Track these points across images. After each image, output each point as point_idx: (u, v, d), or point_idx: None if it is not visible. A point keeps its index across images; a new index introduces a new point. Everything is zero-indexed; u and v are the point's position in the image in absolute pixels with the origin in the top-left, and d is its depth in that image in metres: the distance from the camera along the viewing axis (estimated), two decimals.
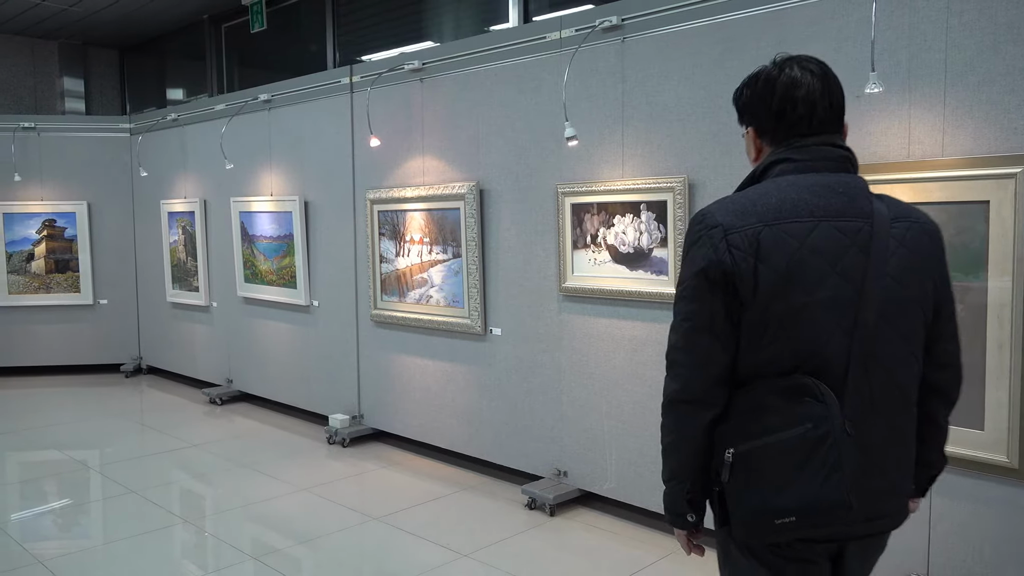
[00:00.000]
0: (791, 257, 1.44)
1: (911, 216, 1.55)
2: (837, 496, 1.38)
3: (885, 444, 1.51)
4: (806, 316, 1.44)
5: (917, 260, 1.51)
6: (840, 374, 1.44)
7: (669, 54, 3.49)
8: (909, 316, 1.51)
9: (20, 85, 9.27)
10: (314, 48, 7.46)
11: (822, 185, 1.50)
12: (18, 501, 4.32)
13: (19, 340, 7.37)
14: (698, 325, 1.51)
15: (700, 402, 1.52)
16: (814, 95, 1.55)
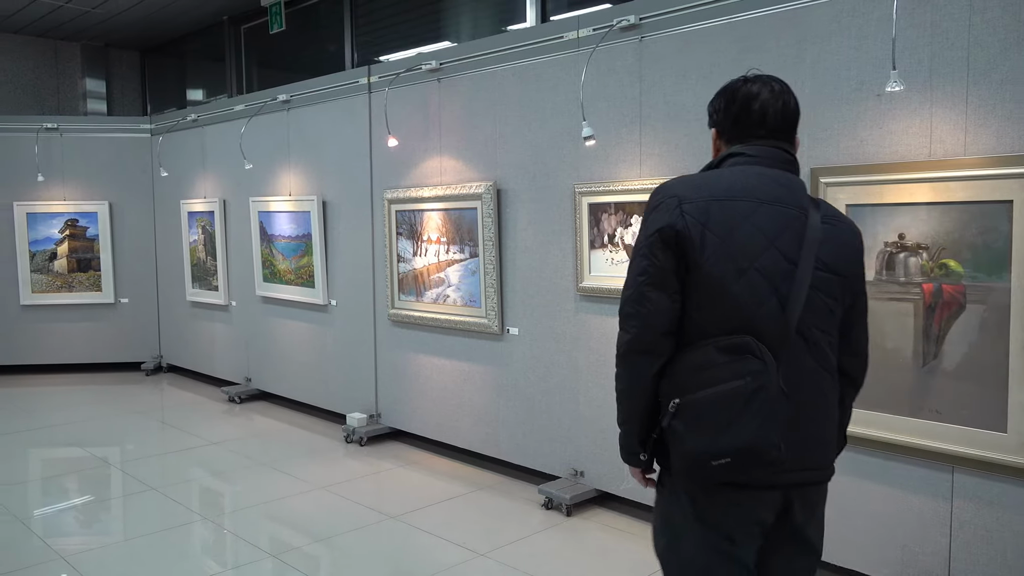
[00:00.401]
0: (735, 228, 1.65)
1: (839, 218, 1.80)
2: (769, 441, 1.56)
3: (814, 402, 1.70)
4: (745, 281, 1.64)
5: (841, 255, 1.74)
6: (776, 336, 1.63)
7: (687, 53, 3.48)
8: (832, 295, 1.72)
9: (43, 86, 9.39)
10: (332, 48, 7.49)
11: (767, 176, 1.73)
12: (41, 497, 4.37)
13: (42, 338, 7.46)
14: (651, 280, 1.69)
15: (650, 351, 1.69)
16: (768, 106, 1.80)
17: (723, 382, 1.60)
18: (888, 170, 2.87)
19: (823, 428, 1.72)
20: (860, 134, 2.96)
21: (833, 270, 1.71)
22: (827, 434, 1.74)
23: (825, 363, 1.71)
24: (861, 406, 2.96)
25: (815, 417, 1.70)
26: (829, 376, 1.73)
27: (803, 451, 1.67)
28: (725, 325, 1.64)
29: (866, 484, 3.01)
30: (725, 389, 1.59)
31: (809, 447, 1.69)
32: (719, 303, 1.65)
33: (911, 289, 2.84)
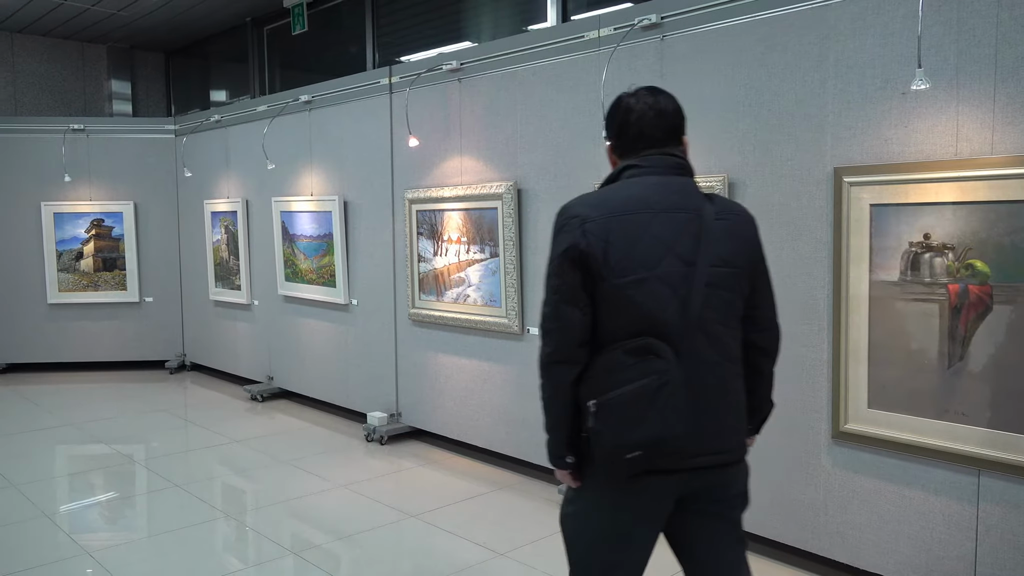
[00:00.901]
0: (635, 241, 1.80)
1: (733, 210, 1.94)
2: (673, 431, 1.73)
3: (716, 391, 1.85)
4: (647, 288, 1.79)
5: (738, 245, 1.89)
6: (677, 335, 1.79)
7: (709, 52, 3.46)
8: (732, 289, 1.87)
9: (70, 88, 9.52)
10: (354, 49, 7.53)
11: (662, 185, 1.88)
12: (67, 493, 4.44)
13: (68, 336, 7.57)
14: (563, 297, 1.84)
15: (568, 361, 1.85)
16: (643, 119, 1.93)
17: (631, 382, 1.75)
18: (913, 169, 2.83)
19: (726, 416, 1.88)
20: (885, 133, 2.93)
21: (730, 264, 1.87)
22: (730, 421, 1.89)
23: (727, 355, 1.87)
24: (884, 408, 2.94)
25: (718, 406, 1.85)
26: (732, 366, 1.89)
27: (706, 438, 1.83)
28: (632, 329, 1.79)
29: (890, 487, 2.98)
30: (633, 388, 1.75)
31: (712, 434, 1.84)
32: (625, 311, 1.80)
33: (936, 290, 2.81)
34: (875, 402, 2.99)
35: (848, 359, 3.03)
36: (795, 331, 3.22)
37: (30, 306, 7.49)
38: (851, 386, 3.04)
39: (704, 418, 1.81)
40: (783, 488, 3.29)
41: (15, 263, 7.45)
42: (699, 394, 1.80)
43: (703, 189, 1.94)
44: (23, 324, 7.50)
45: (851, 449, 3.08)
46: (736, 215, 1.94)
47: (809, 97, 3.13)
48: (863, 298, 2.98)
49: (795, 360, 3.23)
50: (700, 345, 1.82)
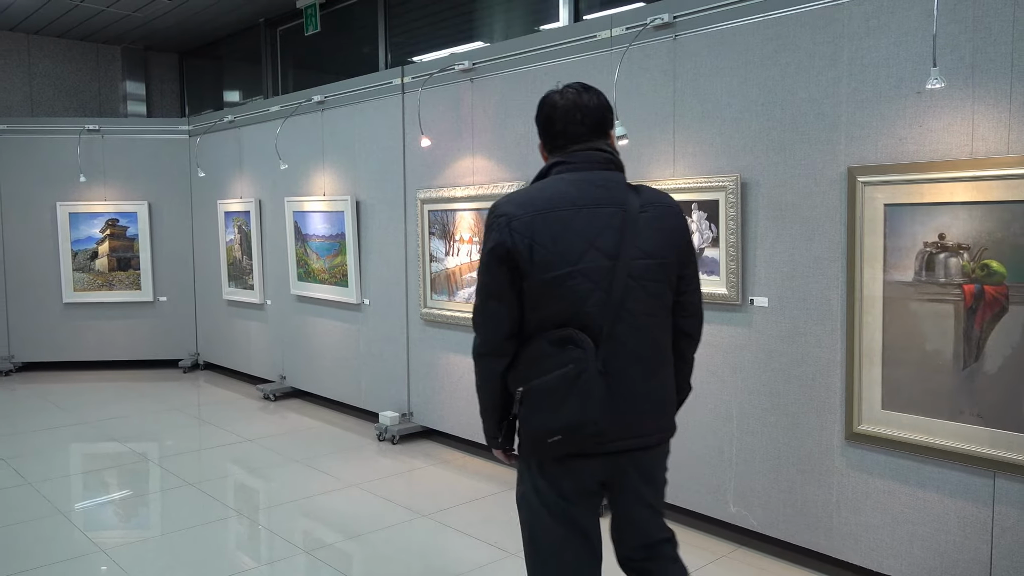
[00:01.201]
0: (558, 237, 1.88)
1: (659, 202, 1.99)
2: (590, 416, 1.83)
3: (639, 379, 1.93)
4: (570, 282, 1.86)
5: (662, 237, 1.95)
6: (599, 326, 1.87)
7: (721, 51, 3.45)
8: (656, 279, 1.94)
9: (85, 89, 9.60)
10: (366, 50, 7.55)
11: (586, 181, 1.94)
12: (82, 491, 4.47)
13: (83, 335, 7.63)
14: (491, 293, 1.94)
15: (496, 353, 1.97)
16: (566, 115, 1.99)
17: (553, 371, 1.86)
18: (928, 169, 2.81)
19: (648, 402, 1.96)
20: (899, 132, 2.91)
21: (654, 256, 1.93)
22: (651, 407, 1.97)
23: (653, 344, 1.96)
24: (898, 409, 2.92)
25: (638, 393, 1.94)
26: (657, 355, 1.98)
27: (627, 422, 1.92)
28: (556, 321, 1.88)
29: (904, 489, 2.96)
30: (555, 376, 1.85)
31: (633, 419, 1.93)
32: (549, 303, 1.89)
33: (951, 290, 2.79)
34: (889, 403, 2.97)
35: (862, 360, 3.02)
36: (808, 331, 3.21)
37: (46, 305, 7.55)
38: (865, 387, 3.02)
39: (625, 404, 1.91)
40: (795, 489, 3.28)
41: (31, 263, 7.52)
42: (621, 381, 1.90)
43: (631, 182, 2.01)
44: (39, 323, 7.57)
45: (864, 450, 3.06)
46: (660, 206, 1.99)
47: (822, 96, 3.12)
48: (877, 298, 2.97)
49: (808, 360, 3.21)
50: (623, 335, 1.90)
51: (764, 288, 3.35)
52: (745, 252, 3.41)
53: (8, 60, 9.03)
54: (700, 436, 3.61)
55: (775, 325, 3.32)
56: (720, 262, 3.47)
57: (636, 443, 1.95)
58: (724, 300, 3.47)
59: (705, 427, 3.59)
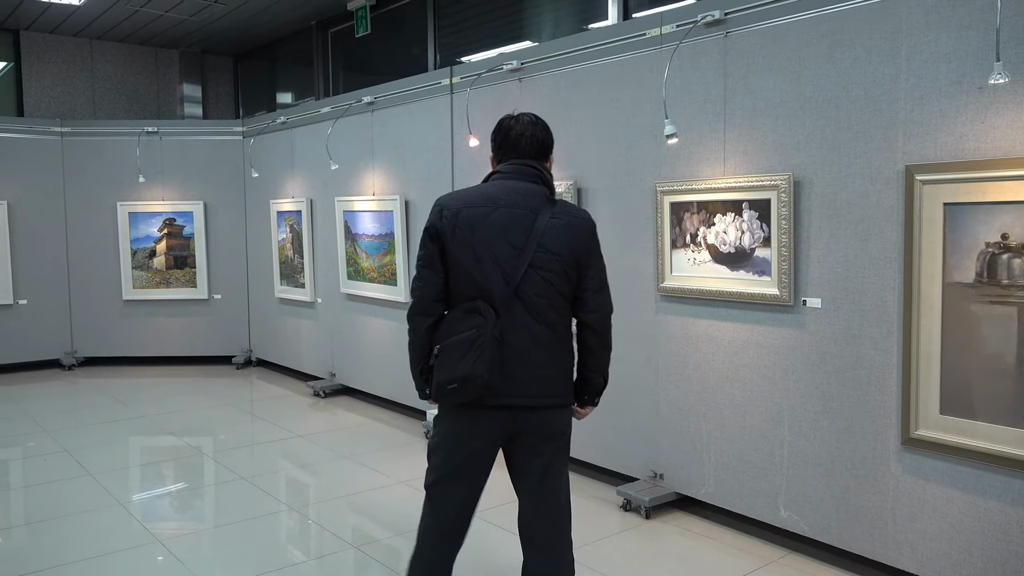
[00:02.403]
0: (476, 226, 2.35)
1: (570, 214, 2.44)
2: (477, 373, 2.24)
3: (529, 347, 2.34)
4: (480, 264, 2.33)
5: (564, 240, 2.37)
6: (500, 301, 2.31)
7: (774, 48, 3.39)
8: (553, 270, 2.36)
9: (145, 92, 9.87)
10: (416, 51, 7.61)
11: (510, 188, 2.41)
12: (139, 483, 4.60)
13: (142, 332, 7.85)
14: (424, 264, 2.42)
15: (425, 313, 2.41)
16: (520, 137, 2.50)
17: (460, 333, 2.30)
18: (990, 167, 2.72)
19: (537, 368, 2.36)
20: (959, 129, 2.82)
21: (553, 252, 2.35)
22: (541, 373, 2.36)
23: (544, 321, 2.36)
24: (957, 414, 2.84)
25: (529, 359, 2.34)
26: (548, 331, 2.37)
27: (519, 383, 2.33)
28: (469, 294, 2.34)
29: (963, 496, 2.87)
30: (460, 337, 2.30)
31: (524, 380, 2.34)
32: (465, 278, 2.35)
33: (1015, 292, 2.69)
34: (948, 408, 2.88)
35: (919, 363, 2.94)
36: (863, 333, 3.13)
37: (107, 302, 7.80)
38: (922, 391, 2.94)
39: (516, 368, 2.32)
40: (849, 494, 3.21)
41: (93, 261, 7.77)
42: (513, 348, 2.32)
43: (547, 194, 2.44)
44: (100, 319, 7.81)
45: (922, 456, 2.98)
46: (570, 216, 2.43)
47: (879, 93, 3.04)
48: (936, 300, 2.88)
49: (863, 363, 3.14)
50: (518, 311, 2.33)
51: (817, 289, 3.29)
52: (797, 252, 3.34)
53: (72, 65, 9.34)
54: (750, 439, 3.56)
55: (828, 327, 3.26)
56: (772, 262, 3.42)
57: (524, 401, 2.35)
58: (775, 301, 3.41)
59: (755, 430, 3.53)
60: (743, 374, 3.58)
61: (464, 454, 2.43)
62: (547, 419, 2.41)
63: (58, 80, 9.26)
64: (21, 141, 7.53)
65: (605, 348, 2.48)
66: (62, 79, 9.29)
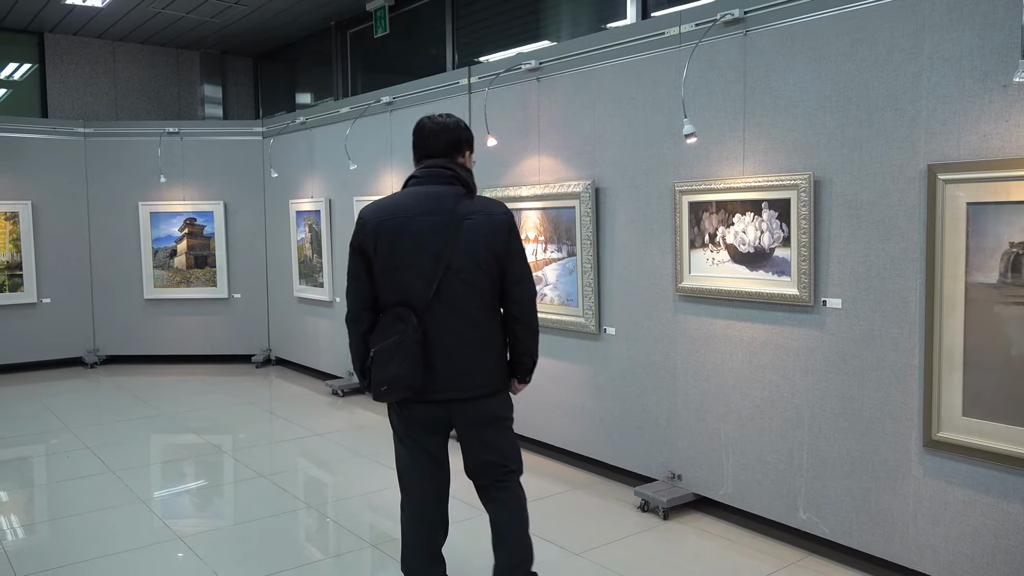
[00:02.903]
0: (395, 238, 2.53)
1: (484, 210, 2.57)
2: (403, 374, 2.48)
3: (456, 346, 2.54)
4: (401, 273, 2.53)
5: (479, 240, 2.53)
6: (422, 307, 2.51)
7: (794, 47, 3.36)
8: (471, 271, 2.53)
9: (166, 93, 9.97)
10: (434, 51, 7.63)
11: (423, 194, 2.57)
12: (160, 480, 4.65)
13: (162, 330, 7.93)
14: (352, 276, 2.62)
15: (357, 320, 2.64)
16: (429, 136, 2.64)
17: (387, 338, 2.51)
18: (1015, 166, 2.69)
19: (466, 364, 2.56)
20: (983, 128, 2.79)
21: (469, 253, 2.51)
22: (470, 367, 2.57)
23: (469, 322, 2.55)
24: (980, 416, 2.80)
25: (458, 357, 2.55)
26: (473, 331, 2.56)
27: (449, 379, 2.55)
28: (393, 301, 2.55)
29: (987, 499, 2.84)
30: (387, 343, 2.50)
31: (454, 376, 2.55)
32: (388, 288, 2.56)
33: None
34: (970, 410, 2.85)
35: (942, 364, 2.90)
36: (884, 334, 3.10)
37: (128, 301, 7.88)
38: (944, 392, 2.91)
39: (445, 366, 2.54)
40: (869, 496, 3.18)
41: (115, 260, 7.85)
42: (441, 349, 2.53)
43: (462, 192, 2.59)
44: (122, 318, 7.90)
45: (944, 458, 2.95)
46: (482, 215, 2.56)
47: (901, 91, 3.01)
48: (958, 301, 2.85)
49: (884, 364, 3.11)
50: (440, 315, 2.52)
51: (837, 289, 3.26)
52: (817, 252, 3.32)
53: (95, 67, 9.45)
54: (769, 440, 3.54)
55: (849, 327, 3.23)
56: (791, 262, 3.39)
57: (456, 395, 2.57)
58: (795, 301, 3.38)
59: (774, 431, 3.51)
60: (762, 375, 3.56)
61: (416, 443, 2.68)
62: (480, 407, 2.63)
63: (81, 81, 9.37)
64: (45, 142, 7.63)
65: (531, 334, 2.69)
66: (85, 80, 9.40)
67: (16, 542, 3.71)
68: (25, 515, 4.08)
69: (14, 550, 3.60)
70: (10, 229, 7.45)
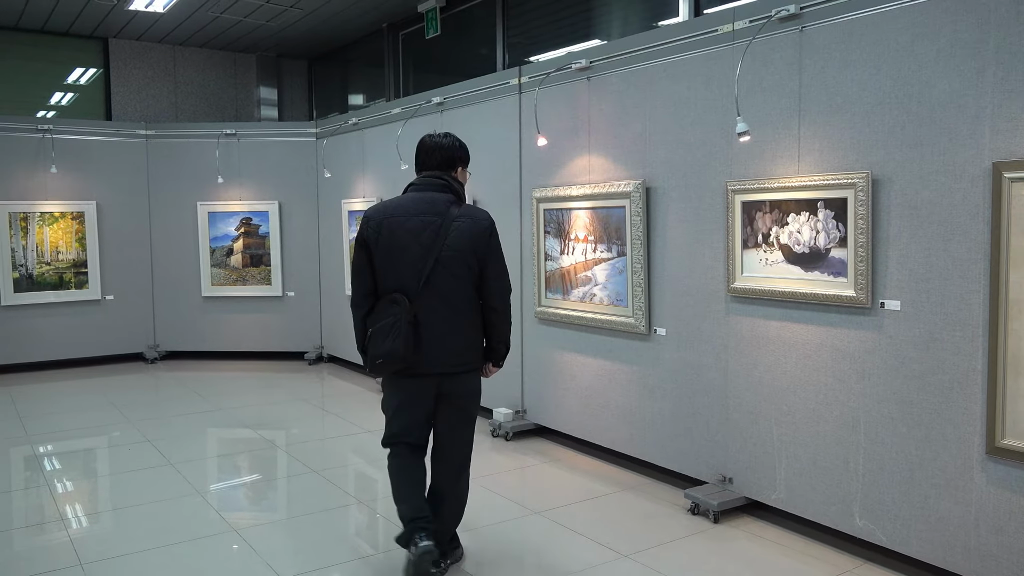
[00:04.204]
0: (394, 233, 3.00)
1: (470, 216, 3.06)
2: (396, 350, 2.93)
3: (442, 328, 3.00)
4: (398, 264, 2.99)
5: (463, 238, 3.01)
6: (414, 293, 2.97)
7: (852, 42, 3.29)
8: (457, 264, 3.00)
9: (223, 96, 10.20)
10: (484, 51, 7.66)
11: (419, 198, 3.07)
12: (216, 473, 4.76)
13: (219, 327, 8.12)
14: (355, 266, 3.07)
15: (358, 305, 3.09)
16: (428, 152, 3.16)
17: (384, 319, 2.97)
18: None
19: (450, 344, 3.02)
20: None
21: (455, 249, 2.99)
22: (453, 347, 3.03)
23: (453, 308, 3.01)
24: None
25: (443, 337, 3.01)
26: (457, 316, 3.03)
27: (436, 356, 3.00)
28: (390, 288, 3.00)
29: None
30: (384, 323, 2.97)
31: (440, 354, 3.01)
32: (387, 276, 3.01)
33: None
34: None
35: (1007, 369, 2.81)
36: (945, 337, 3.01)
37: (187, 298, 8.10)
38: (1009, 398, 2.81)
39: (432, 345, 2.99)
40: (929, 504, 3.09)
41: (174, 259, 8.08)
42: (429, 330, 2.98)
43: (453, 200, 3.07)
44: (181, 315, 8.12)
45: (1008, 466, 2.85)
46: (468, 219, 3.03)
47: (964, 87, 2.92)
48: None
49: (944, 368, 3.02)
50: (429, 300, 2.97)
51: (896, 291, 3.18)
52: (875, 253, 3.24)
53: (156, 71, 9.72)
54: (824, 444, 3.46)
55: (908, 330, 3.14)
56: (848, 263, 3.32)
57: (442, 369, 3.03)
58: (851, 303, 3.31)
59: (829, 435, 3.44)
60: (817, 377, 3.49)
61: (407, 411, 3.11)
62: (460, 381, 3.11)
63: (143, 85, 9.66)
64: (109, 144, 7.89)
65: (504, 323, 3.15)
66: (147, 84, 9.68)
67: (80, 530, 3.84)
68: (89, 504, 4.22)
69: (79, 537, 3.73)
70: (76, 228, 7.72)
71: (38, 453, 5.11)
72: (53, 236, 7.63)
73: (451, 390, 3.10)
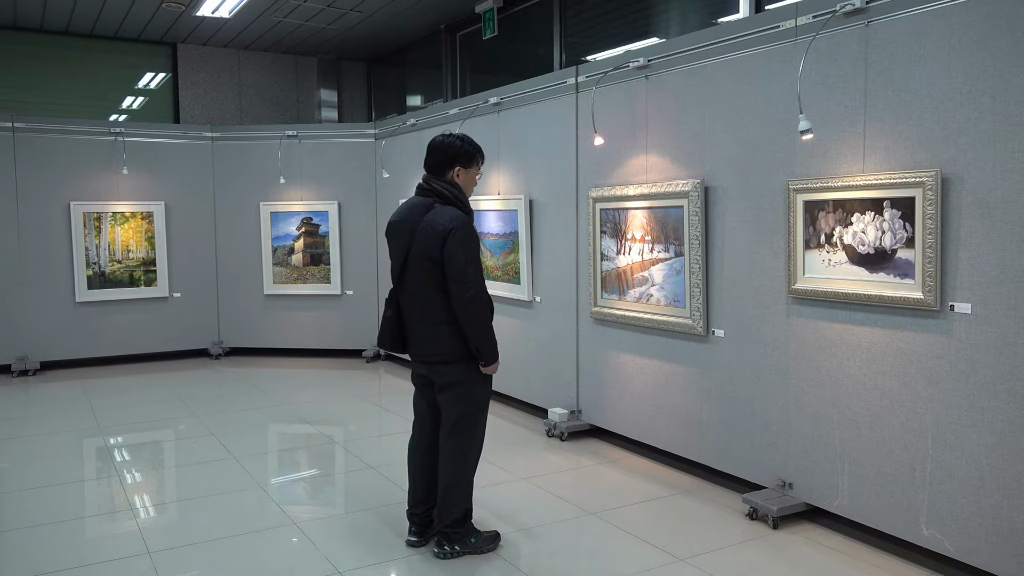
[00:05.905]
0: (390, 235, 3.43)
1: (432, 220, 3.25)
2: (384, 339, 3.47)
3: (417, 322, 3.35)
4: (392, 263, 3.42)
5: (425, 243, 3.25)
6: (397, 292, 3.41)
7: (921, 36, 3.19)
8: (423, 266, 3.26)
9: (286, 98, 10.43)
10: (541, 51, 7.66)
11: (408, 202, 3.41)
12: (277, 467, 4.87)
13: (280, 324, 8.31)
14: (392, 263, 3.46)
15: (388, 296, 3.49)
16: (428, 152, 3.40)
17: (384, 311, 3.49)
18: None
19: (426, 334, 3.33)
20: None
21: (423, 253, 3.25)
22: (428, 338, 3.33)
23: (423, 306, 3.31)
24: None
25: (419, 329, 3.35)
26: (426, 309, 3.30)
27: (417, 346, 3.39)
28: (392, 282, 3.44)
29: None
30: (383, 314, 3.49)
31: (419, 344, 3.37)
32: (391, 272, 3.43)
33: None
34: None
35: None
36: (1019, 342, 2.90)
37: (249, 296, 8.30)
38: None
39: (413, 336, 3.38)
40: (1001, 514, 2.98)
41: (238, 257, 8.29)
42: (408, 324, 3.40)
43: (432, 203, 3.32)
44: (244, 312, 8.33)
45: None
46: (431, 223, 3.24)
47: None
48: None
49: (1018, 374, 2.91)
50: (407, 296, 3.36)
51: (967, 293, 3.07)
52: (944, 254, 3.13)
53: (222, 75, 9.99)
54: (889, 450, 3.37)
55: (979, 334, 3.03)
56: (915, 264, 3.22)
57: (423, 358, 3.38)
58: (919, 305, 3.21)
59: (895, 441, 3.34)
60: (882, 381, 3.39)
61: (415, 394, 3.60)
62: (438, 370, 3.36)
63: (209, 88, 9.93)
64: (177, 146, 8.14)
65: (468, 325, 3.25)
66: (213, 87, 9.95)
67: (148, 520, 3.97)
68: (156, 495, 4.36)
69: (147, 527, 3.86)
70: (145, 228, 7.98)
71: (109, 444, 5.30)
72: (124, 235, 7.91)
73: (436, 379, 3.38)
